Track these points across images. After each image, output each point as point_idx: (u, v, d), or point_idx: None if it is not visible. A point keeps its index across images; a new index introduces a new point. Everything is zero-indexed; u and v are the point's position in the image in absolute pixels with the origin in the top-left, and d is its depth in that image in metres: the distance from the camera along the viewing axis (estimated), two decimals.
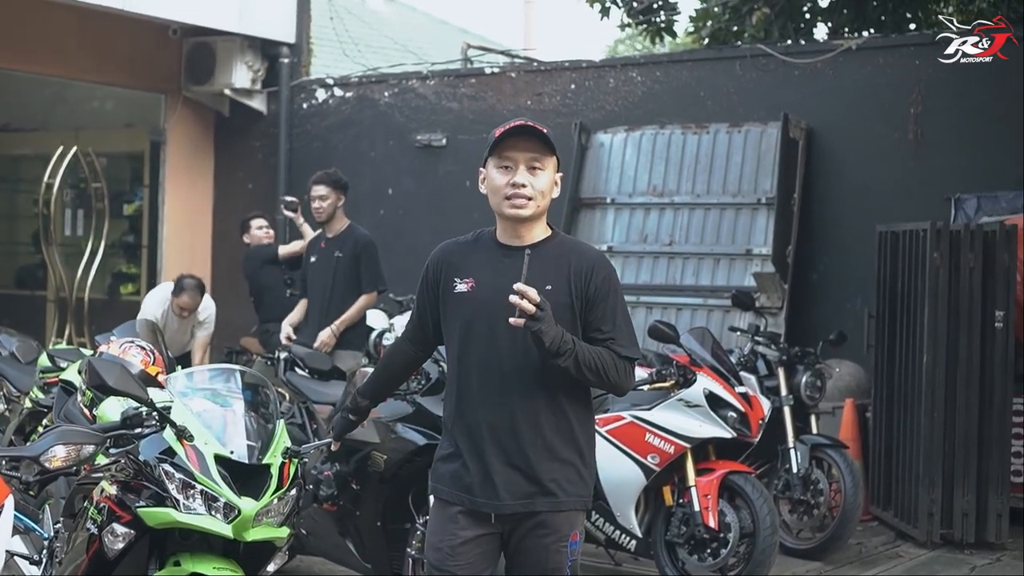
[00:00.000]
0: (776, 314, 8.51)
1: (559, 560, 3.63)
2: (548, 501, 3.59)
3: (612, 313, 3.63)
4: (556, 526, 3.61)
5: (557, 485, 3.60)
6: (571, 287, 3.60)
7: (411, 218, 10.76)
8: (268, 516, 4.02)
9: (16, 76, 11.52)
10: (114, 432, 4.01)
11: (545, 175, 3.63)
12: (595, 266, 3.64)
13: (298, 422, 6.67)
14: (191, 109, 11.63)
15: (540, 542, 3.61)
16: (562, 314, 3.56)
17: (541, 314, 3.44)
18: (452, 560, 3.62)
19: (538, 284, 3.53)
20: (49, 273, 12.42)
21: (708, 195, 9.23)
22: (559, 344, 3.48)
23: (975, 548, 7.38)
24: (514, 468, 3.58)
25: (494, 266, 3.64)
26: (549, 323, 3.46)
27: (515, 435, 3.58)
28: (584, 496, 3.67)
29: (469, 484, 3.61)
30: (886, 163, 8.87)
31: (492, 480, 3.58)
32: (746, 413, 6.32)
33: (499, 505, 3.59)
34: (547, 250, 3.65)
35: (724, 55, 9.79)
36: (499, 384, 3.58)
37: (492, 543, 3.66)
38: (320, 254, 8.02)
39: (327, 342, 7.71)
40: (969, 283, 7.44)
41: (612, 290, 3.64)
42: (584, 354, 3.53)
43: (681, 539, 6.23)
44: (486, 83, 10.62)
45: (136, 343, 5.40)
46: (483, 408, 3.60)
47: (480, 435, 3.60)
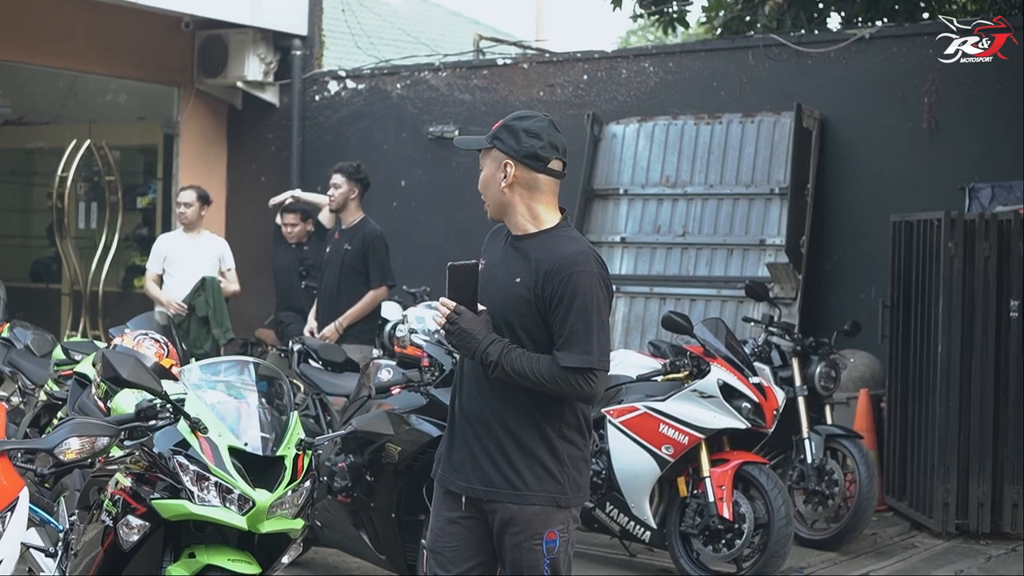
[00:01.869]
0: (790, 304, 8.48)
1: (533, 559, 3.59)
2: (511, 493, 3.58)
3: (565, 318, 3.50)
4: (525, 523, 3.58)
5: (520, 478, 3.58)
6: (534, 284, 3.57)
7: (424, 210, 10.76)
8: (282, 508, 4.03)
9: (29, 70, 11.55)
10: (128, 424, 4.02)
11: (484, 171, 3.70)
12: (559, 267, 3.52)
13: (312, 414, 6.69)
14: (204, 102, 11.64)
15: (513, 539, 3.61)
16: (520, 308, 3.59)
17: (450, 327, 3.57)
18: (440, 540, 3.70)
19: (509, 277, 3.61)
20: (63, 266, 12.45)
21: (721, 185, 9.21)
22: (480, 355, 3.56)
23: (991, 538, 7.35)
24: (485, 455, 3.62)
25: (497, 254, 3.70)
26: (460, 336, 3.56)
27: (487, 425, 3.63)
28: (555, 493, 3.59)
29: (449, 465, 3.71)
30: (900, 152, 8.83)
31: (466, 464, 3.65)
32: (760, 404, 6.31)
33: (466, 487, 3.65)
34: (531, 243, 3.63)
35: (737, 45, 9.75)
36: (478, 374, 3.64)
37: (480, 529, 3.67)
38: (333, 245, 8.04)
39: (330, 337, 7.72)
40: (984, 273, 7.41)
41: (573, 294, 3.50)
42: (517, 364, 3.51)
43: (696, 530, 6.22)
44: (498, 75, 10.61)
45: (150, 336, 5.41)
46: (466, 396, 3.69)
47: (463, 420, 3.68)
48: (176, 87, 11.56)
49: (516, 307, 3.57)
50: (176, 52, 11.37)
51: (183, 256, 8.79)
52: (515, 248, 3.65)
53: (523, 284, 3.58)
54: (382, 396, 5.74)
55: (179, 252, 8.81)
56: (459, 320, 3.56)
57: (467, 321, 3.56)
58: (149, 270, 8.99)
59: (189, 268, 8.76)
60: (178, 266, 8.78)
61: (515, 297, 3.57)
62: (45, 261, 13.41)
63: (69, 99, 12.83)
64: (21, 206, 14.09)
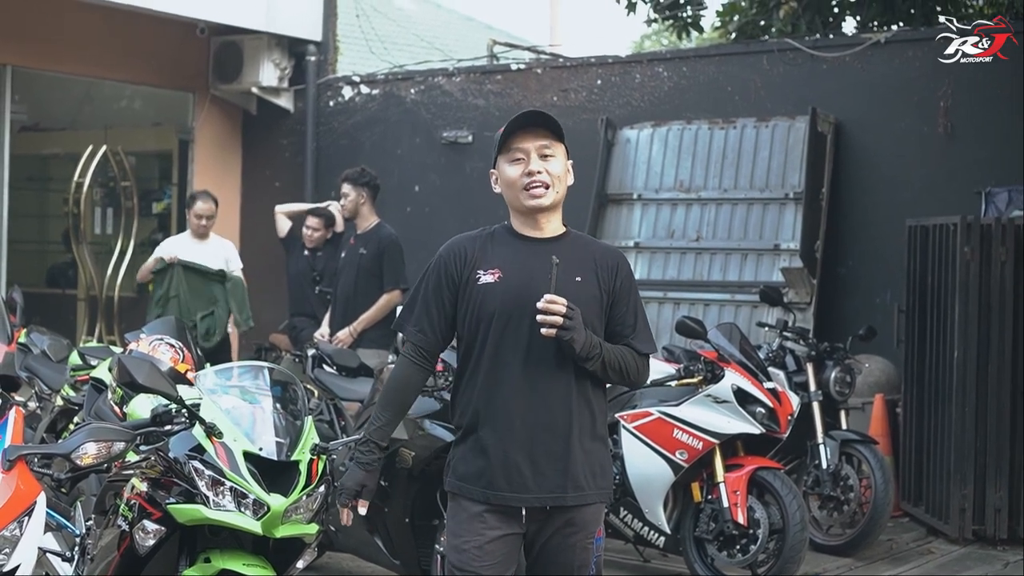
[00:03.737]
0: (805, 309, 8.46)
1: (585, 558, 3.62)
2: (577, 495, 3.57)
3: (634, 310, 3.70)
4: (583, 523, 3.60)
5: (584, 478, 3.58)
6: (599, 280, 3.63)
7: (438, 215, 10.76)
8: (297, 512, 4.04)
9: (44, 76, 11.58)
10: (144, 429, 4.02)
11: (557, 161, 3.63)
12: (619, 263, 3.71)
13: (326, 419, 6.69)
14: (219, 107, 11.67)
15: (567, 541, 3.59)
16: (591, 306, 3.59)
17: (570, 323, 3.47)
18: (478, 560, 3.55)
19: (569, 276, 3.56)
20: (79, 272, 12.49)
21: (735, 190, 9.19)
22: (588, 349, 3.52)
23: (1008, 544, 7.32)
24: (545, 461, 3.55)
25: (520, 257, 3.62)
26: (579, 330, 3.49)
27: (550, 427, 3.55)
28: (607, 488, 3.68)
29: (496, 480, 3.55)
30: (915, 157, 8.80)
31: (522, 474, 3.54)
32: (775, 409, 6.30)
33: (528, 499, 3.55)
34: (569, 244, 3.66)
35: (751, 49, 9.74)
36: (531, 375, 3.55)
37: (516, 543, 3.62)
38: (348, 251, 8.06)
39: (344, 341, 7.73)
40: (1000, 277, 7.38)
41: (633, 287, 3.72)
42: (609, 356, 3.59)
43: (710, 535, 6.21)
44: (512, 79, 10.62)
45: (165, 340, 5.42)
46: (515, 400, 3.55)
47: (511, 428, 3.55)
48: (191, 93, 11.60)
49: (587, 304, 3.57)
50: (191, 58, 11.40)
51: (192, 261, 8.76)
52: (552, 250, 3.57)
53: (587, 281, 3.60)
54: None
55: (188, 257, 8.78)
56: (575, 314, 3.48)
57: (579, 315, 3.50)
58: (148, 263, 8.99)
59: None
60: None
61: (585, 295, 3.58)
62: (61, 266, 13.45)
63: (85, 105, 12.88)
64: (37, 212, 14.14)
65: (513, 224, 3.71)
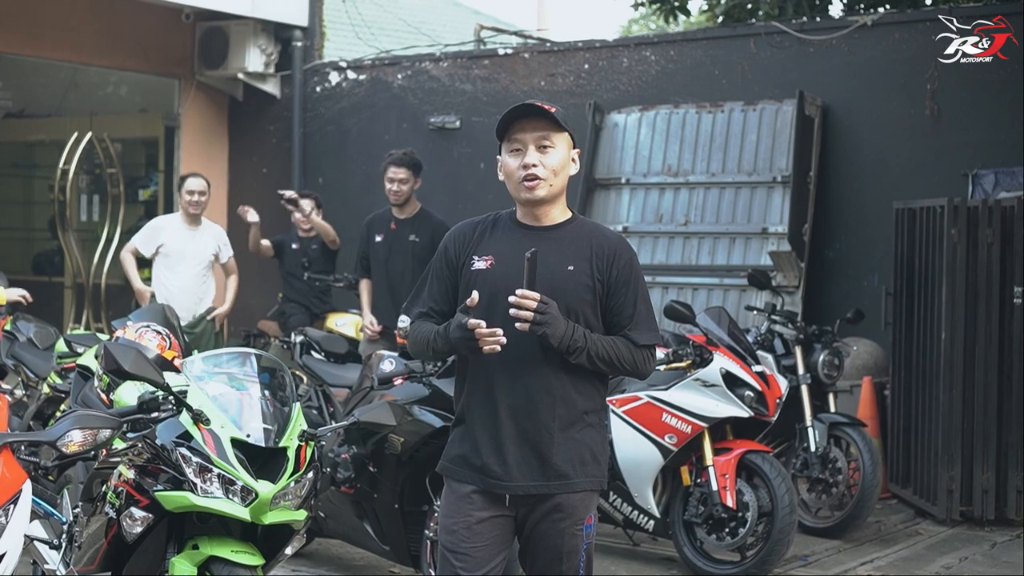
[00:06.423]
0: (793, 293, 8.47)
1: (575, 544, 3.62)
2: (562, 483, 3.57)
3: (633, 299, 3.63)
4: (571, 509, 3.60)
5: (571, 467, 3.58)
6: (592, 269, 3.60)
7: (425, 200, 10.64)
8: (285, 499, 4.03)
9: (29, 62, 11.53)
10: (131, 417, 4.02)
11: (556, 152, 3.61)
12: (617, 251, 3.64)
13: (315, 405, 6.69)
14: (205, 94, 11.62)
15: (556, 526, 3.60)
16: (582, 296, 3.58)
17: (542, 318, 3.45)
18: (467, 541, 3.59)
19: (560, 266, 3.55)
20: (66, 259, 12.45)
21: (723, 174, 9.19)
22: (568, 343, 3.50)
23: (995, 525, 7.36)
24: (529, 449, 3.57)
25: (516, 246, 3.61)
26: (554, 324, 3.47)
27: (531, 416, 3.57)
28: (598, 477, 3.66)
29: (482, 465, 3.59)
30: (903, 140, 8.81)
31: (506, 461, 3.57)
32: (763, 392, 6.30)
33: (512, 486, 3.57)
34: (567, 232, 3.65)
35: (738, 33, 9.72)
36: (517, 364, 3.56)
37: (506, 526, 3.64)
38: (389, 235, 7.77)
39: None
40: (987, 259, 7.40)
41: (634, 275, 3.64)
42: (597, 347, 3.55)
43: (699, 519, 6.23)
44: (499, 64, 10.59)
45: (152, 328, 5.41)
46: (500, 388, 3.58)
47: (496, 415, 3.58)
48: (177, 79, 11.55)
49: (576, 293, 3.56)
50: (177, 44, 11.35)
51: (184, 249, 8.68)
52: (548, 238, 3.60)
53: (579, 270, 3.58)
54: (385, 387, 5.75)
55: (179, 244, 8.69)
56: (549, 309, 3.47)
57: (554, 308, 3.48)
58: (134, 245, 8.83)
59: (190, 262, 8.70)
60: (178, 258, 8.68)
61: (575, 284, 3.57)
62: (47, 254, 13.42)
63: (70, 91, 12.82)
64: (23, 199, 14.10)
65: (517, 212, 3.73)
